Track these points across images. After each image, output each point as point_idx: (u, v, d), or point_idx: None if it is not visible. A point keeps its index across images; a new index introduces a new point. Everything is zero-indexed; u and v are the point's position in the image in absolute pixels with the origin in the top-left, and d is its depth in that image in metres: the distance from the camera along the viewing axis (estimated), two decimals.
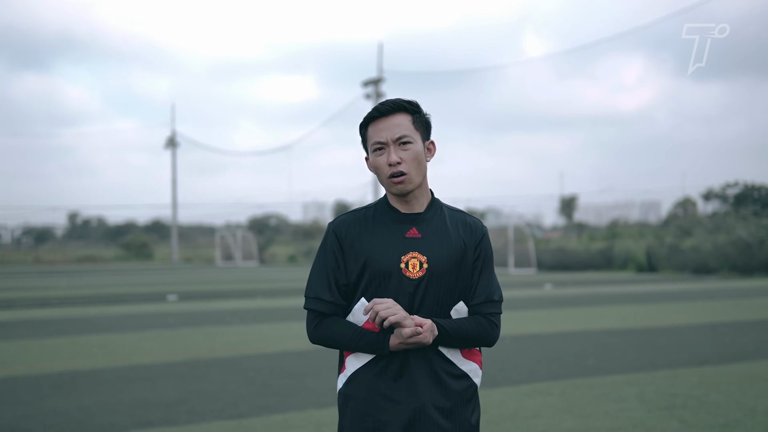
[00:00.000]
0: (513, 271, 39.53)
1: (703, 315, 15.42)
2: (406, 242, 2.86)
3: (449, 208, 3.00)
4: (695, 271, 34.25)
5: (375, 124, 2.90)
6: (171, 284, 28.94)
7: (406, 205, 2.91)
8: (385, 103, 2.91)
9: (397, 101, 2.90)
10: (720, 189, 46.23)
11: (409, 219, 2.90)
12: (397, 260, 2.84)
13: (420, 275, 2.84)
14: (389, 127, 2.87)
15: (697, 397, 7.50)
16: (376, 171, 2.91)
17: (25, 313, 17.46)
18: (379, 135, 2.87)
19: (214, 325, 14.26)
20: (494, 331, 2.94)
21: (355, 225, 2.91)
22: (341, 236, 2.90)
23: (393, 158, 2.84)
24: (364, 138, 2.96)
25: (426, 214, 2.92)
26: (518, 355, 10.27)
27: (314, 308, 2.90)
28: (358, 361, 2.88)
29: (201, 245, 71.86)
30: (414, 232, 2.88)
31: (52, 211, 75.05)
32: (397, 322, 2.72)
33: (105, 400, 7.76)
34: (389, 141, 2.86)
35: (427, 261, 2.85)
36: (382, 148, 2.87)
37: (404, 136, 2.86)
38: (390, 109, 2.89)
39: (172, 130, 68.80)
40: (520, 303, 18.95)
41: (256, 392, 8.08)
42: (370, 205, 2.98)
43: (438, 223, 2.92)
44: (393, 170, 2.85)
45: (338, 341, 2.87)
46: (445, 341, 2.83)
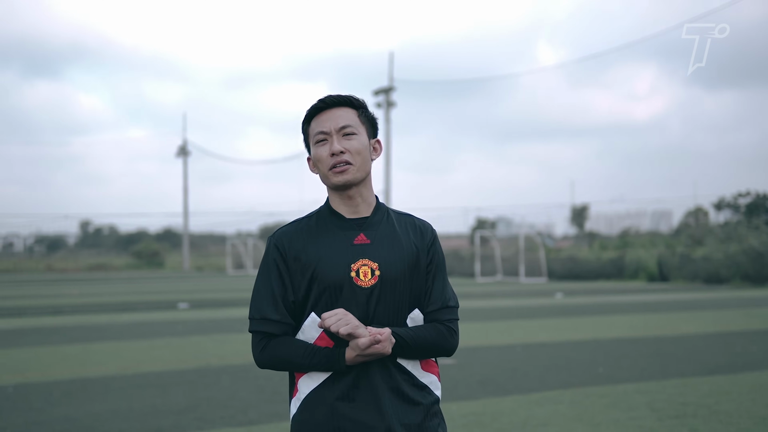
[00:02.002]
0: (524, 280, 39.45)
1: (714, 324, 15.36)
2: (354, 249, 2.66)
3: (395, 212, 2.82)
4: (707, 280, 34.10)
5: (318, 117, 2.73)
6: (182, 292, 29.00)
7: (351, 208, 2.73)
8: (329, 95, 2.74)
9: (342, 95, 2.75)
10: (732, 198, 46.06)
11: (355, 224, 2.71)
12: (346, 269, 2.64)
13: (372, 283, 2.64)
14: (333, 117, 2.71)
15: (708, 406, 7.48)
16: (316, 165, 2.73)
17: (36, 320, 17.53)
18: (322, 125, 2.70)
19: (224, 333, 14.29)
20: (453, 339, 2.75)
21: (297, 236, 2.71)
22: (284, 250, 2.69)
23: (336, 147, 2.66)
24: (306, 134, 2.78)
25: (373, 217, 2.73)
26: (528, 363, 10.26)
27: (261, 329, 2.68)
28: (312, 382, 2.66)
29: (212, 254, 72.01)
30: (362, 237, 2.68)
31: (63, 219, 75.36)
32: (350, 333, 2.52)
33: (115, 407, 7.79)
34: (332, 131, 2.69)
35: (379, 267, 2.65)
36: (324, 140, 2.70)
37: (348, 126, 2.70)
38: (334, 101, 2.73)
39: (183, 139, 69.02)
40: (531, 312, 18.91)
41: (266, 399, 8.09)
42: (312, 214, 2.79)
43: (386, 226, 2.73)
44: (336, 160, 2.67)
45: (289, 361, 2.65)
46: (404, 351, 2.64)
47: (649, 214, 64.57)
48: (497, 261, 42.25)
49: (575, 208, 65.43)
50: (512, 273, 41.29)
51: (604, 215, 67.29)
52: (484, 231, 50.64)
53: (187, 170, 68.50)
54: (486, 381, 8.89)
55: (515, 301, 23.02)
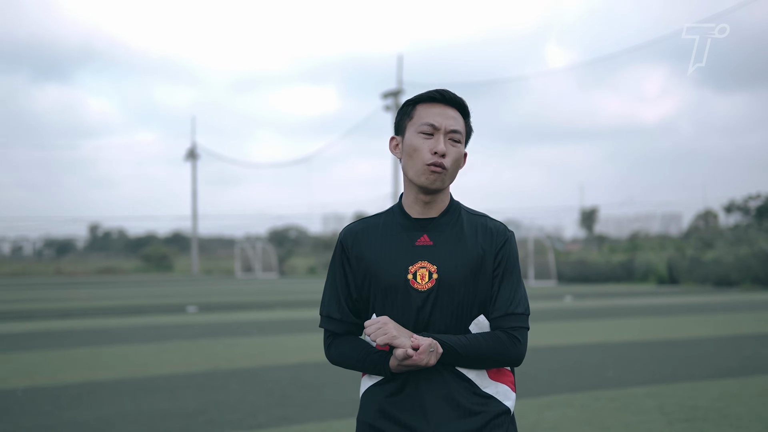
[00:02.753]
0: (533, 283, 39.37)
1: (725, 327, 15.29)
2: (415, 251, 2.58)
3: (469, 212, 2.69)
4: (717, 283, 33.99)
5: (430, 106, 2.60)
6: (191, 296, 29.03)
7: (423, 208, 2.63)
8: (447, 92, 2.61)
9: (457, 97, 2.62)
10: (742, 201, 45.90)
11: (420, 225, 2.62)
12: (403, 271, 2.57)
13: (429, 287, 2.55)
14: (446, 116, 2.58)
15: (718, 410, 7.44)
16: (411, 153, 2.59)
17: (45, 324, 17.57)
18: (434, 118, 2.57)
19: (233, 337, 14.29)
20: (516, 348, 2.59)
21: (363, 234, 2.66)
22: (348, 247, 2.66)
23: (441, 147, 2.55)
24: (407, 115, 2.64)
25: (440, 218, 2.63)
26: (538, 366, 10.23)
27: (326, 327, 2.71)
28: (369, 380, 2.66)
29: (221, 257, 72.08)
30: (425, 239, 2.60)
31: (73, 222, 75.74)
32: (388, 343, 2.47)
33: (124, 411, 7.79)
34: (442, 128, 2.57)
35: (437, 271, 2.55)
36: (431, 134, 2.57)
37: (458, 131, 2.59)
38: (452, 99, 2.61)
39: (192, 142, 69.19)
40: (540, 315, 18.87)
41: (275, 403, 8.09)
42: (383, 212, 2.72)
43: (453, 228, 2.62)
44: (435, 160, 2.55)
45: (348, 362, 2.66)
46: (454, 360, 2.53)
47: (659, 216, 64.44)
48: None
49: (584, 210, 65.31)
50: (522, 276, 41.17)
51: (614, 218, 67.15)
52: None
53: (195, 173, 68.72)
54: None
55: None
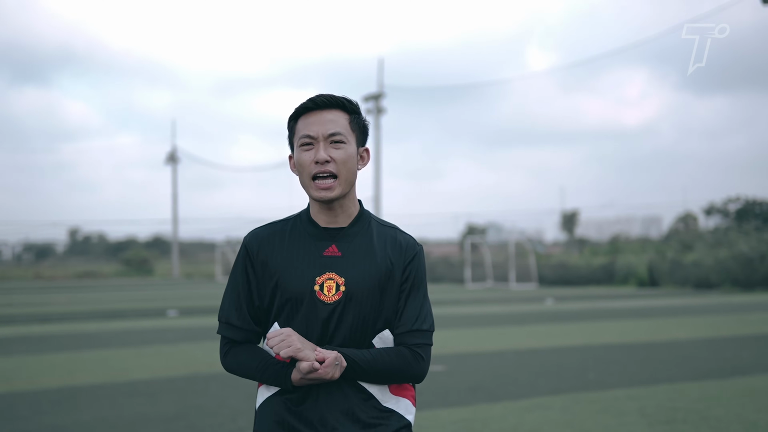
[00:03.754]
0: (514, 286, 39.48)
1: (705, 329, 15.38)
2: (322, 261, 2.52)
3: (380, 223, 2.64)
4: (697, 285, 34.21)
5: (306, 117, 2.55)
6: (171, 300, 28.90)
7: (330, 217, 2.58)
8: (322, 95, 2.56)
9: (336, 96, 2.56)
10: (721, 204, 46.23)
11: (329, 234, 2.56)
12: (310, 282, 2.51)
13: (336, 299, 2.50)
14: (322, 122, 2.53)
15: (698, 412, 7.48)
16: (299, 170, 2.56)
17: (24, 328, 17.44)
18: (309, 128, 2.53)
19: (213, 341, 14.21)
20: (419, 365, 2.55)
21: (268, 240, 2.59)
22: (253, 253, 2.58)
23: (321, 155, 2.50)
24: (291, 132, 2.60)
25: (350, 229, 2.58)
26: (519, 369, 10.24)
27: (224, 334, 2.62)
28: (267, 391, 2.59)
29: (202, 261, 71.80)
30: (333, 249, 2.54)
31: (52, 226, 75.15)
32: (293, 356, 2.42)
33: (104, 416, 7.74)
34: (320, 136, 2.52)
35: (345, 283, 2.50)
36: (310, 144, 2.53)
37: (338, 133, 2.53)
38: (326, 102, 2.55)
39: (172, 146, 68.88)
40: (521, 318, 18.91)
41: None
42: (290, 218, 2.66)
43: (363, 239, 2.57)
44: (319, 169, 2.51)
45: (246, 371, 2.58)
46: (357, 375, 2.49)
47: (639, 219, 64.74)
48: (487, 267, 42.28)
49: (565, 213, 65.58)
50: (502, 279, 41.31)
51: (595, 221, 67.42)
52: (474, 237, 50.67)
53: (176, 177, 68.42)
54: (476, 387, 8.87)
55: (505, 308, 23.02)
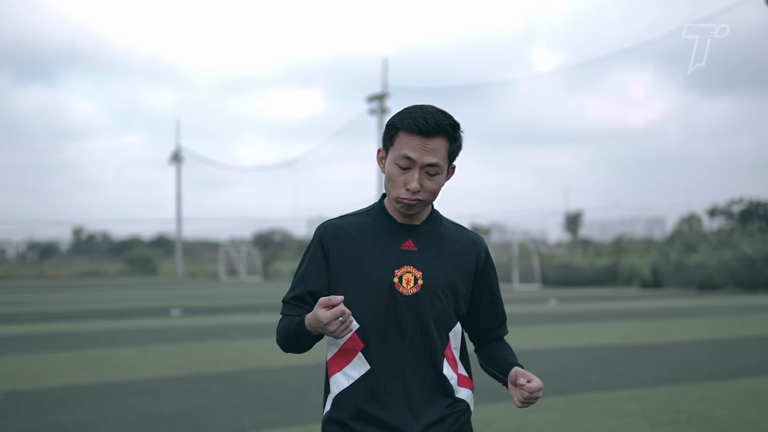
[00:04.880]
0: (517, 286, 39.46)
1: (708, 331, 15.36)
2: (400, 255, 2.59)
3: (449, 222, 2.74)
4: (700, 287, 34.17)
5: (410, 136, 2.54)
6: (175, 299, 28.92)
7: (403, 217, 2.65)
8: (429, 121, 2.53)
9: (442, 123, 2.54)
10: (725, 205, 46.17)
11: (405, 230, 2.63)
12: (389, 274, 2.57)
13: (414, 292, 2.57)
14: (426, 149, 2.54)
15: (701, 413, 7.47)
16: (388, 179, 2.59)
17: (28, 327, 17.46)
18: (412, 150, 2.53)
19: (217, 340, 14.25)
20: None
21: (344, 231, 2.64)
22: (327, 243, 2.63)
23: (414, 185, 2.54)
24: (388, 138, 2.61)
25: (424, 226, 2.66)
26: None
27: (286, 313, 2.66)
28: (345, 381, 2.61)
29: (205, 260, 71.85)
30: (410, 244, 2.61)
31: (56, 225, 75.18)
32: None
33: (108, 414, 7.75)
34: (419, 163, 2.54)
35: (423, 277, 2.58)
36: (407, 167, 2.55)
37: (435, 165, 2.55)
38: (434, 130, 2.53)
39: (176, 145, 68.90)
40: (525, 318, 18.90)
41: (259, 406, 8.06)
42: (365, 210, 2.71)
43: (436, 236, 2.66)
44: (409, 196, 2.56)
45: (284, 334, 2.62)
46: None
47: (643, 220, 64.73)
48: None
49: (569, 214, 65.54)
50: (506, 279, 41.28)
51: (598, 222, 67.45)
52: None
53: (180, 176, 68.45)
54: (479, 388, 8.84)
55: (509, 308, 22.80)
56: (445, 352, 2.64)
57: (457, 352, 2.70)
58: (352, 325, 2.45)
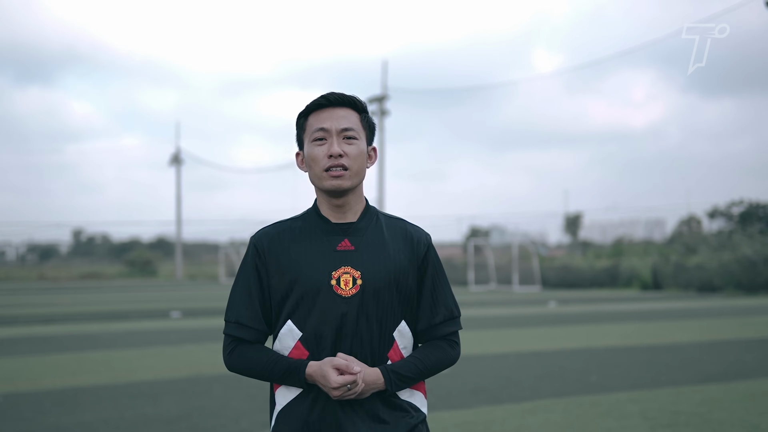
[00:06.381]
0: (517, 288, 39.46)
1: (708, 333, 15.37)
2: (336, 256, 2.53)
3: (387, 216, 2.68)
4: (700, 289, 34.16)
5: (319, 113, 2.58)
6: (174, 301, 28.93)
7: (338, 213, 2.59)
8: (331, 96, 2.59)
9: (346, 95, 2.60)
10: (725, 207, 46.16)
11: (340, 229, 2.57)
12: (326, 276, 2.51)
13: (353, 293, 2.50)
14: (335, 117, 2.56)
15: (701, 415, 7.47)
16: (310, 163, 2.57)
17: (28, 329, 17.47)
18: (323, 123, 2.56)
19: (216, 342, 14.23)
20: (455, 351, 2.66)
21: (278, 238, 2.59)
22: (263, 251, 2.58)
23: (335, 149, 2.52)
24: (301, 128, 2.63)
25: (359, 223, 2.60)
26: (521, 372, 10.24)
27: (234, 334, 2.59)
28: (289, 394, 2.56)
29: (205, 262, 71.88)
30: (346, 243, 2.55)
31: (56, 227, 75.37)
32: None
33: (107, 416, 7.75)
34: (333, 131, 2.55)
35: (361, 276, 2.51)
36: (323, 138, 2.55)
37: (351, 129, 2.56)
38: (338, 100, 2.58)
39: (176, 147, 68.89)
40: (524, 320, 18.91)
41: (258, 408, 8.07)
42: (298, 216, 2.67)
43: (374, 233, 2.59)
44: (333, 162, 2.53)
45: (253, 369, 2.56)
46: (406, 385, 2.56)
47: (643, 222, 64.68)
48: (491, 269, 42.26)
49: (569, 216, 65.54)
50: (506, 281, 41.30)
51: (598, 224, 67.36)
52: (477, 239, 50.67)
53: (180, 178, 68.41)
54: (479, 390, 8.88)
55: (508, 310, 23.01)
56: (389, 354, 2.57)
57: (407, 352, 2.62)
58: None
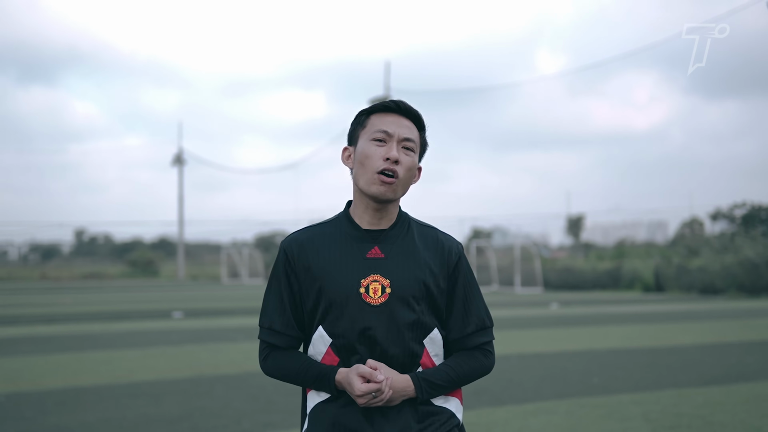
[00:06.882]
0: (519, 290, 39.43)
1: (710, 335, 15.35)
2: (366, 263, 2.50)
3: (419, 224, 2.64)
4: (702, 291, 34.13)
5: (384, 116, 2.56)
6: (176, 301, 28.93)
7: (374, 219, 2.57)
8: (401, 103, 2.58)
9: (411, 108, 2.59)
10: (728, 209, 46.12)
11: (370, 236, 2.54)
12: (355, 284, 2.48)
13: (382, 301, 2.48)
14: (401, 125, 2.54)
15: (703, 417, 7.46)
16: (363, 160, 2.53)
17: (30, 329, 17.47)
18: (388, 126, 2.53)
19: (218, 342, 14.25)
20: (490, 361, 2.64)
21: (308, 243, 2.56)
22: (293, 257, 2.56)
23: (394, 153, 2.49)
24: (360, 124, 2.60)
25: (391, 231, 2.57)
26: (523, 373, 10.23)
27: (268, 340, 2.59)
28: (318, 397, 2.56)
29: (207, 262, 71.85)
30: (376, 251, 2.52)
31: (58, 227, 75.17)
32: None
33: (109, 416, 7.75)
34: (396, 136, 2.52)
35: (390, 285, 2.49)
36: (383, 141, 2.52)
37: (412, 140, 2.54)
38: (407, 109, 2.57)
39: (179, 147, 68.88)
40: (526, 322, 18.89)
41: (260, 409, 8.06)
42: (329, 220, 2.64)
43: (405, 241, 2.56)
44: (388, 166, 2.49)
45: (287, 375, 2.56)
46: (436, 393, 2.54)
47: (645, 224, 64.67)
48: (493, 271, 42.24)
49: (571, 218, 65.52)
50: (508, 283, 41.28)
51: (600, 225, 67.39)
52: (479, 241, 50.64)
53: (182, 179, 68.41)
54: (480, 391, 8.86)
55: (511, 311, 22.99)
56: (422, 361, 2.56)
57: (438, 359, 2.61)
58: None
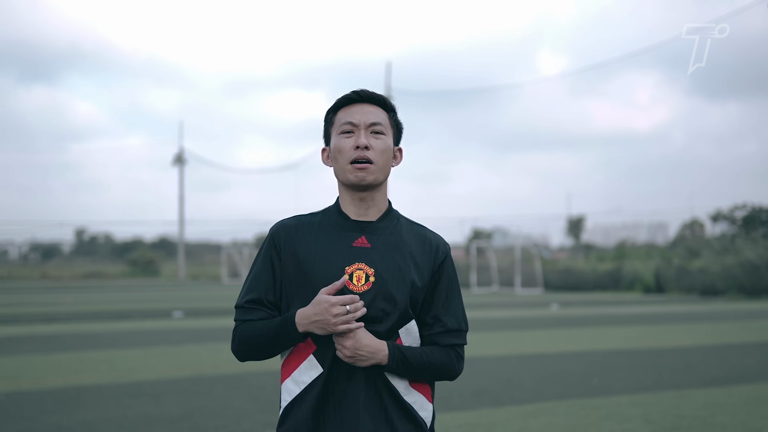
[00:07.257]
0: (519, 291, 39.43)
1: (710, 336, 15.35)
2: (352, 252, 2.55)
3: (408, 221, 2.68)
4: (703, 292, 34.12)
5: (349, 108, 2.61)
6: (177, 301, 28.94)
7: (360, 209, 2.61)
8: (361, 91, 2.63)
9: (375, 94, 2.63)
10: (728, 211, 46.11)
11: (358, 226, 2.59)
12: (339, 271, 2.52)
13: (365, 289, 2.51)
14: (364, 112, 2.59)
15: (703, 419, 7.46)
16: (336, 156, 2.59)
17: (30, 328, 17.48)
18: (352, 116, 2.58)
19: (219, 342, 14.24)
20: (459, 364, 2.62)
21: (297, 231, 2.61)
22: (280, 242, 2.60)
23: (362, 140, 2.55)
24: (329, 123, 2.66)
25: (379, 222, 2.61)
26: (523, 374, 10.24)
27: (241, 318, 2.63)
28: (296, 388, 2.55)
29: (207, 262, 71.85)
30: (363, 240, 2.57)
31: (59, 226, 75.27)
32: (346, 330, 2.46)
33: (109, 416, 7.76)
34: (361, 124, 2.57)
35: (375, 274, 2.53)
36: (351, 131, 2.58)
37: (379, 123, 2.59)
38: (368, 96, 2.62)
39: (179, 147, 68.87)
40: (526, 323, 18.89)
41: (260, 409, 8.06)
42: (318, 212, 2.69)
43: (392, 234, 2.60)
44: (359, 154, 2.55)
45: (251, 339, 2.58)
46: (404, 369, 2.52)
47: (646, 225, 64.66)
48: (493, 272, 42.24)
49: (571, 219, 65.52)
50: (508, 284, 41.28)
51: (601, 226, 67.40)
52: (480, 241, 50.65)
53: (183, 178, 68.39)
54: (481, 392, 8.87)
55: (511, 312, 23.00)
56: None
57: None
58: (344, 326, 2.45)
